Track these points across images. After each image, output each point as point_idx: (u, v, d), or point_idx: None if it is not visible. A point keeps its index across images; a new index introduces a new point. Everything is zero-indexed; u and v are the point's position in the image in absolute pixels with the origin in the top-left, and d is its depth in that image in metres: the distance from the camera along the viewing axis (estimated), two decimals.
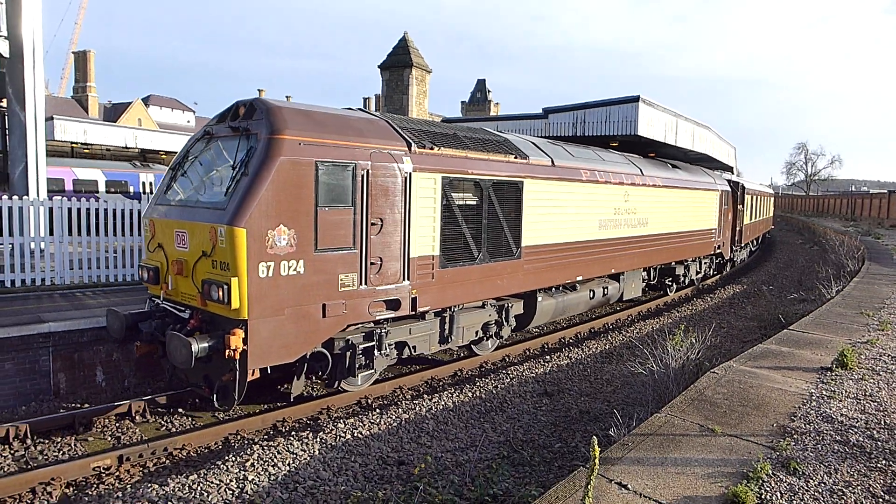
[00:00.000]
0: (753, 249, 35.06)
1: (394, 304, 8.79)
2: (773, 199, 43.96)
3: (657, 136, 18.12)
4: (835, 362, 8.57)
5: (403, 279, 8.83)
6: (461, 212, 9.80)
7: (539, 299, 12.28)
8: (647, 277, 17.51)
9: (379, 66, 27.38)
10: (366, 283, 8.29)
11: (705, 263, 22.02)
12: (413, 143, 8.93)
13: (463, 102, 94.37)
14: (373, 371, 9.28)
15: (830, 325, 11.52)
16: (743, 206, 25.80)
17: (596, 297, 14.32)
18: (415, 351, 9.66)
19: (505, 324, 11.61)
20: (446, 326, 10.19)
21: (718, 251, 22.16)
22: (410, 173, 8.78)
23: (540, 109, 20.00)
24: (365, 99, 61.91)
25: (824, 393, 7.43)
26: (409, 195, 8.77)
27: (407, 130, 9.17)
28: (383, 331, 8.89)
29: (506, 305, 11.56)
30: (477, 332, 10.96)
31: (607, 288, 14.73)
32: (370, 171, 8.22)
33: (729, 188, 22.94)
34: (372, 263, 8.33)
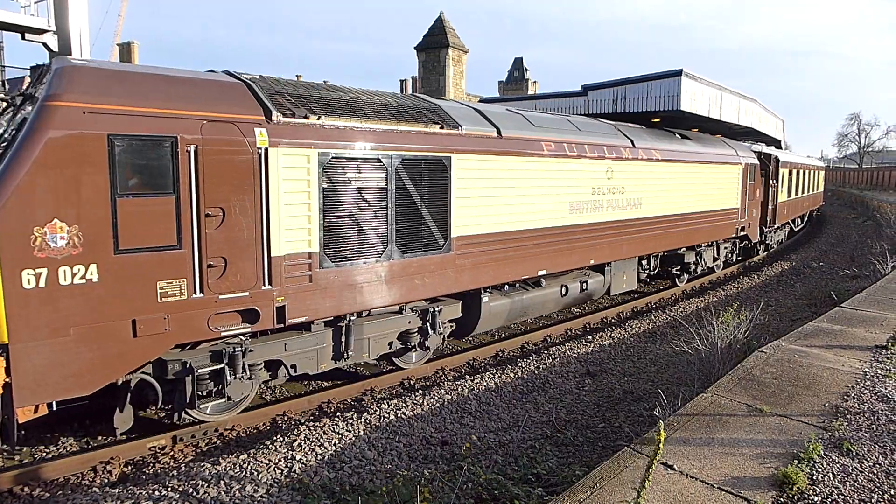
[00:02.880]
0: (797, 229, 31.69)
1: (251, 316, 7.07)
2: (821, 172, 39.50)
3: (701, 110, 17.64)
4: (890, 340, 8.29)
5: (263, 283, 7.07)
6: (355, 197, 7.92)
7: (484, 300, 10.23)
8: (647, 267, 15.40)
9: (415, 48, 27.29)
10: (202, 291, 6.61)
11: (725, 248, 19.26)
12: (274, 111, 7.11)
13: (500, 82, 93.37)
14: (227, 399, 7.40)
15: (885, 301, 11.12)
16: (777, 181, 22.81)
17: (571, 294, 12.26)
18: (295, 371, 7.99)
19: (432, 332, 9.44)
20: (342, 339, 8.37)
21: (742, 233, 19.41)
22: (267, 149, 6.98)
23: (579, 87, 19.67)
24: (402, 81, 61.80)
25: (879, 372, 7.20)
26: (267, 177, 6.99)
27: (270, 94, 7.38)
28: (238, 349, 7.21)
29: (431, 310, 9.39)
30: (391, 344, 9.09)
31: (586, 282, 12.60)
32: (202, 148, 6.47)
33: (756, 161, 20.01)
34: (211, 266, 6.63)
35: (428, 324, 9.38)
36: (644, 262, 15.03)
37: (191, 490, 5.93)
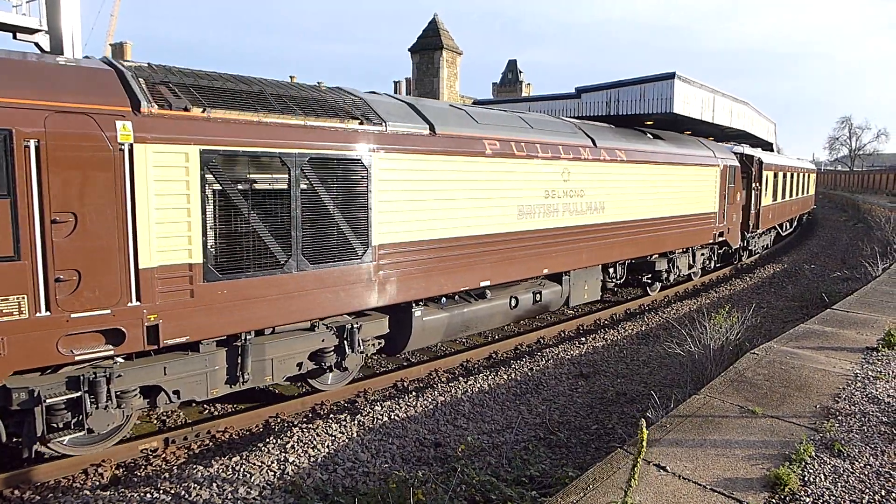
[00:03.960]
0: (784, 234, 30.42)
1: (114, 337, 6.20)
2: (812, 175, 38.34)
3: (693, 113, 17.72)
4: (881, 342, 8.34)
5: (130, 299, 6.18)
6: (250, 200, 7.03)
7: (416, 314, 9.27)
8: (614, 275, 14.31)
9: (409, 50, 27.30)
10: (49, 309, 5.74)
11: (702, 255, 18.22)
12: (144, 102, 6.21)
13: (494, 84, 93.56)
14: (87, 430, 6.33)
15: (876, 303, 11.20)
16: (760, 184, 21.99)
17: (522, 306, 11.31)
18: (179, 397, 6.99)
19: (350, 351, 8.44)
20: (238, 360, 7.40)
21: (721, 239, 18.44)
22: (132, 145, 6.08)
23: (573, 89, 19.72)
24: (395, 82, 61.88)
25: (870, 374, 7.24)
26: (133, 177, 6.10)
27: (150, 84, 6.55)
28: (101, 374, 6.30)
29: (348, 326, 8.38)
30: (301, 365, 8.08)
31: (540, 293, 11.65)
32: (46, 143, 5.64)
33: (736, 163, 19.09)
34: (60, 279, 5.77)
35: (346, 342, 8.38)
36: (611, 271, 14.13)
37: (183, 492, 5.91)
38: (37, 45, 14.45)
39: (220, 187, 6.77)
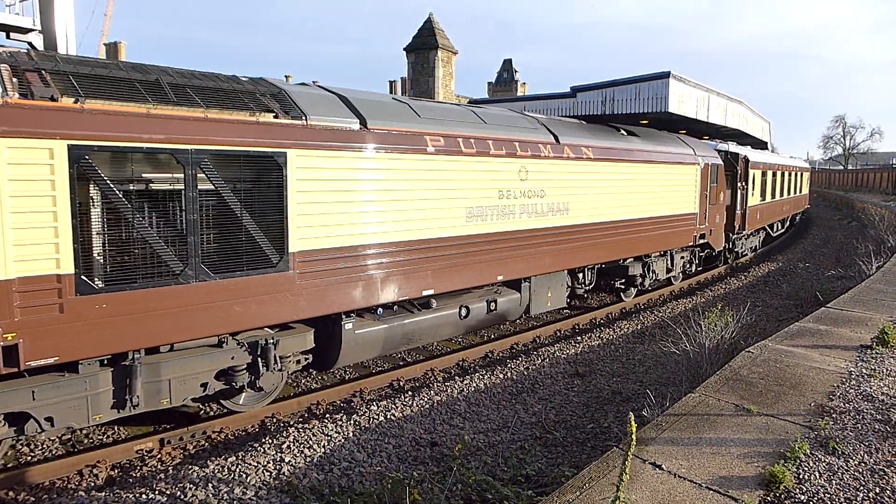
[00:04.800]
0: (775, 235, 29.11)
1: None
2: (804, 174, 36.84)
3: (688, 112, 17.77)
4: (875, 340, 8.38)
5: None
6: (134, 203, 6.27)
7: (347, 327, 8.47)
8: (583, 280, 13.49)
9: (404, 49, 27.27)
10: None
11: (682, 258, 17.20)
12: (0, 89, 5.51)
13: (489, 83, 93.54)
14: None
15: (870, 302, 11.24)
16: (747, 183, 21.01)
17: (474, 316, 10.44)
18: (53, 424, 6.16)
19: (265, 370, 7.62)
20: (126, 382, 6.56)
21: (702, 241, 17.44)
22: None
23: (568, 88, 19.75)
24: (391, 82, 61.79)
25: (864, 371, 7.27)
26: None
27: (4, 68, 5.81)
28: None
29: (262, 342, 7.58)
30: (206, 386, 7.20)
31: (495, 301, 10.79)
32: None
33: (719, 161, 18.14)
34: None
35: (260, 359, 7.60)
36: (581, 276, 13.37)
37: (178, 493, 5.89)
38: (30, 44, 14.41)
39: (98, 188, 6.02)
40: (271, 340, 7.67)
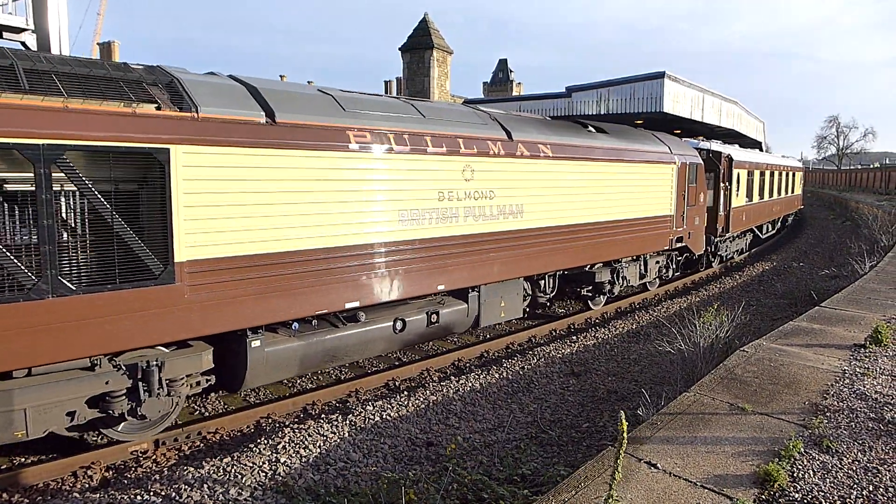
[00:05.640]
0: (764, 236, 28.05)
1: None
2: (797, 173, 35.72)
3: (683, 112, 17.84)
4: (868, 339, 8.41)
5: None
6: None
7: (254, 345, 7.55)
8: (546, 287, 12.66)
9: (400, 49, 27.28)
10: None
11: (657, 263, 16.26)
12: None
13: (485, 83, 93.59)
14: None
15: (864, 301, 11.29)
16: (730, 184, 20.19)
17: (413, 329, 9.51)
18: None
19: (148, 396, 6.73)
20: None
21: (680, 245, 16.46)
22: None
23: (563, 88, 19.81)
24: (386, 82, 61.75)
25: (858, 370, 7.31)
26: None
27: None
28: None
29: (142, 365, 6.69)
30: (75, 414, 6.34)
31: (437, 313, 9.83)
32: None
33: (698, 160, 17.11)
34: None
35: (141, 384, 6.69)
36: (542, 283, 12.52)
37: (174, 494, 5.88)
38: (23, 44, 14.34)
39: None
40: (154, 362, 6.73)
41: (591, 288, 13.97)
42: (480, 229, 9.98)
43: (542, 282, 12.54)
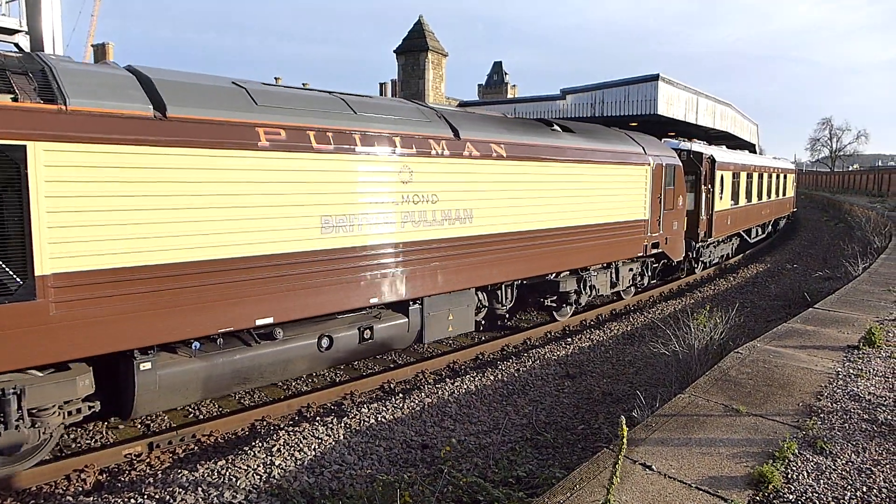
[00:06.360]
0: (753, 241, 26.66)
1: None
2: (789, 175, 34.38)
3: (677, 114, 17.90)
4: (862, 340, 8.45)
5: None
6: None
7: (145, 367, 6.69)
8: (503, 297, 11.72)
9: (395, 51, 27.28)
10: None
11: (631, 271, 15.16)
12: None
13: (480, 85, 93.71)
14: None
15: (857, 302, 11.34)
16: (713, 186, 19.13)
17: (341, 346, 8.61)
18: None
19: (5, 428, 5.89)
20: None
21: (656, 251, 15.42)
22: None
23: (558, 90, 19.85)
24: (381, 84, 61.74)
25: (851, 371, 7.33)
26: None
27: None
28: None
29: None
30: None
31: (371, 329, 8.92)
32: None
33: (676, 161, 16.01)
34: None
35: None
36: (499, 294, 11.63)
37: (168, 497, 5.86)
38: (16, 45, 14.29)
39: None
40: (12, 390, 5.82)
41: (555, 298, 12.92)
42: (421, 236, 9.13)
43: (500, 292, 11.64)
